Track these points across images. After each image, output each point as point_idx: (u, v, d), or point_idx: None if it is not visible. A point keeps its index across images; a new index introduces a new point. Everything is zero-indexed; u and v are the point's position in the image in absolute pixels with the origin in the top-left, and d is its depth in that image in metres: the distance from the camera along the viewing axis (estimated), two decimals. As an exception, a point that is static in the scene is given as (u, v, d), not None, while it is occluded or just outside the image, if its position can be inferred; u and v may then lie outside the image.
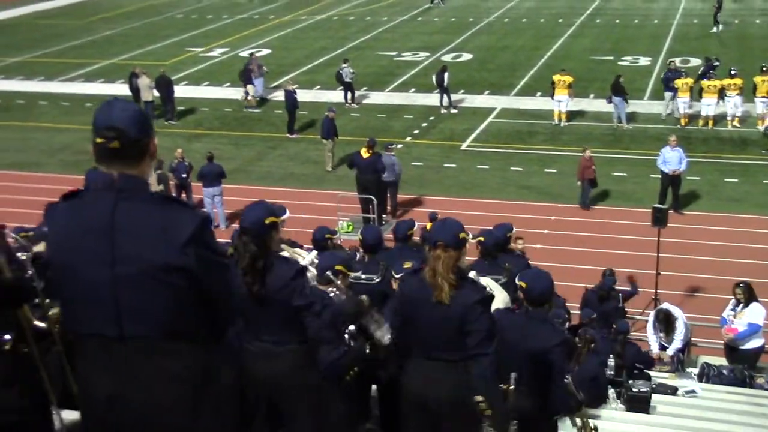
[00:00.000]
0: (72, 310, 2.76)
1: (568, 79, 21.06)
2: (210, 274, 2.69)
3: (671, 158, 16.00)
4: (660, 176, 16.26)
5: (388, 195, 16.34)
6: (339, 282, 4.80)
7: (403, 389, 4.52)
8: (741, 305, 9.78)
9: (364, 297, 4.67)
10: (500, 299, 5.97)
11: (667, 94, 21.33)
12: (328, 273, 4.76)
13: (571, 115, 21.61)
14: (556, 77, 21.30)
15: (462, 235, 4.32)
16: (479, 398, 4.03)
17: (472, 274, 6.86)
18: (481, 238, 7.81)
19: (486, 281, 6.00)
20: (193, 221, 2.66)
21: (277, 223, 4.32)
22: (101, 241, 2.62)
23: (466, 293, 4.32)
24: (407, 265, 6.05)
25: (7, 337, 3.53)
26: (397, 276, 5.85)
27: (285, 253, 4.93)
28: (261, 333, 4.21)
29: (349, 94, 23.60)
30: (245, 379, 3.84)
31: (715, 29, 30.90)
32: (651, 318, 10.47)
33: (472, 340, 4.25)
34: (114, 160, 2.66)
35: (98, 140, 2.65)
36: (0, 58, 30.50)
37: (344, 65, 23.31)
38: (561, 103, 21.19)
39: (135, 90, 22.40)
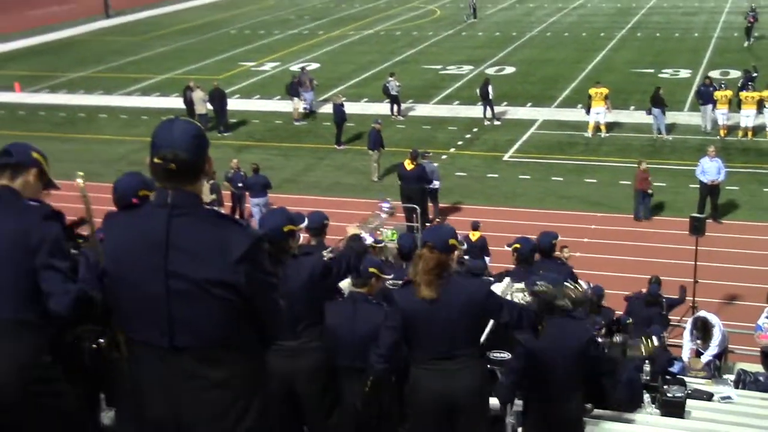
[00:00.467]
0: (126, 319, 2.86)
1: (604, 90, 21.31)
2: (258, 292, 2.77)
3: (710, 168, 16.17)
4: (699, 186, 16.45)
5: (430, 204, 16.74)
6: (374, 282, 5.11)
7: (420, 394, 4.44)
8: (776, 313, 9.89)
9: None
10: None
11: (702, 108, 21.38)
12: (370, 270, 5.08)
13: (611, 127, 21.84)
14: (592, 90, 21.59)
15: (452, 241, 4.32)
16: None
17: (506, 280, 7.31)
18: (517, 245, 7.90)
19: (521, 287, 6.40)
20: (246, 240, 2.71)
21: (295, 231, 4.44)
22: (156, 256, 2.69)
23: (470, 287, 4.35)
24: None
25: (101, 340, 3.79)
26: None
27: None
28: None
29: (395, 107, 24.06)
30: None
31: (752, 41, 30.87)
32: (688, 325, 10.46)
33: (507, 315, 4.37)
34: (170, 179, 2.73)
35: (156, 160, 2.71)
36: (63, 73, 31.71)
37: (390, 79, 23.82)
38: (599, 114, 21.43)
39: (189, 103, 23.01)
